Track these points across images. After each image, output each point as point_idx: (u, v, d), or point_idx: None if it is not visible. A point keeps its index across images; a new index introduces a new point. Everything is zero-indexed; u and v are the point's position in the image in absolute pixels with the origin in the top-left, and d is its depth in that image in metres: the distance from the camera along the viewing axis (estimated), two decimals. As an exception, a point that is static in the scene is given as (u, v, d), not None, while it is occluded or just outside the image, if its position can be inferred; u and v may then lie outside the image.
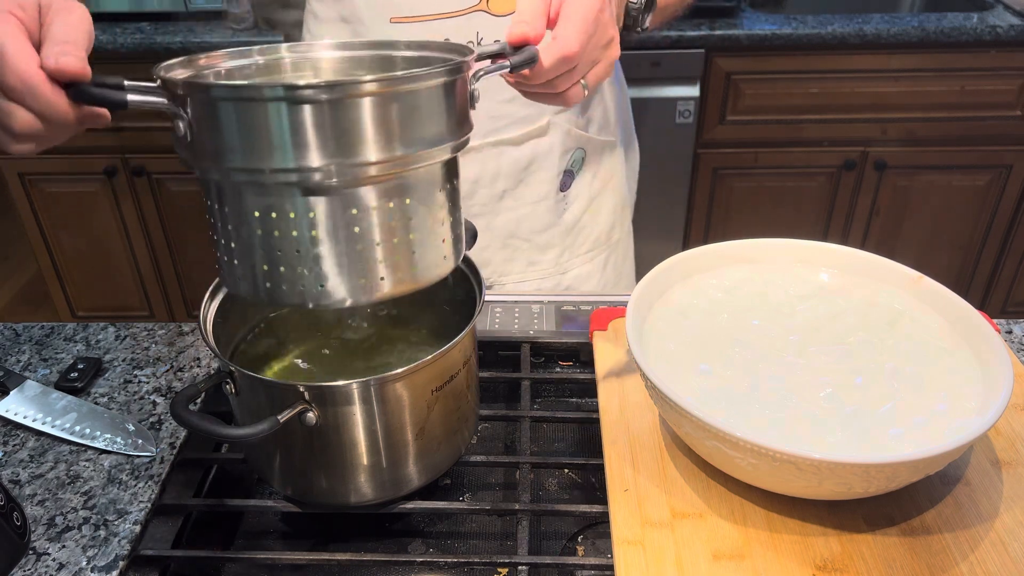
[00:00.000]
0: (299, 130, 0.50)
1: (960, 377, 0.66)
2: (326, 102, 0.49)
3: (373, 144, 0.51)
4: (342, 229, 0.53)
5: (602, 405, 0.74)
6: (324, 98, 0.49)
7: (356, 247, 0.54)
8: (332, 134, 0.50)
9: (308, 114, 0.49)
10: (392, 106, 0.51)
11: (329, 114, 0.50)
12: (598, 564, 0.64)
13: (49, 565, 0.65)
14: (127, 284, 2.36)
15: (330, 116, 0.50)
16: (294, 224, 0.53)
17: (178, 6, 2.07)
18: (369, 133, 0.51)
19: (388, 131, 0.52)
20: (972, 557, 0.59)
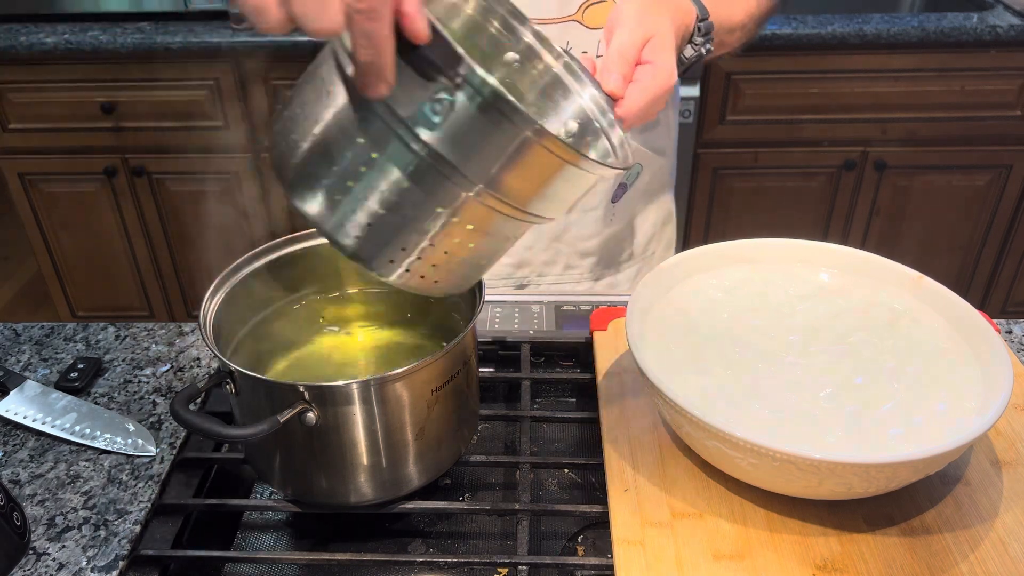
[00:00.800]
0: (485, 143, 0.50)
1: (960, 377, 0.66)
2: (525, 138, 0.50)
3: (525, 192, 0.53)
4: (419, 213, 0.53)
5: (602, 405, 0.74)
6: (527, 135, 0.50)
7: (410, 232, 0.54)
8: (518, 173, 0.51)
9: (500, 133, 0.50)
10: (557, 175, 0.53)
11: (534, 159, 0.51)
12: (598, 564, 0.64)
13: (49, 565, 0.65)
14: (127, 284, 2.36)
15: (534, 161, 0.51)
16: (387, 177, 0.52)
17: (178, 6, 2.07)
18: (530, 180, 0.52)
19: (540, 187, 0.53)
20: (972, 557, 0.59)
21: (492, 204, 0.53)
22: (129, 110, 2.08)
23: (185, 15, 2.09)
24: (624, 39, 0.65)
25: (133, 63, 2.01)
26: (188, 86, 2.05)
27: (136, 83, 2.04)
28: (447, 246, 0.55)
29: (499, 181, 0.51)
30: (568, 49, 0.74)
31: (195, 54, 1.99)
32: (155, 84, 2.05)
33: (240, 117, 2.09)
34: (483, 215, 0.54)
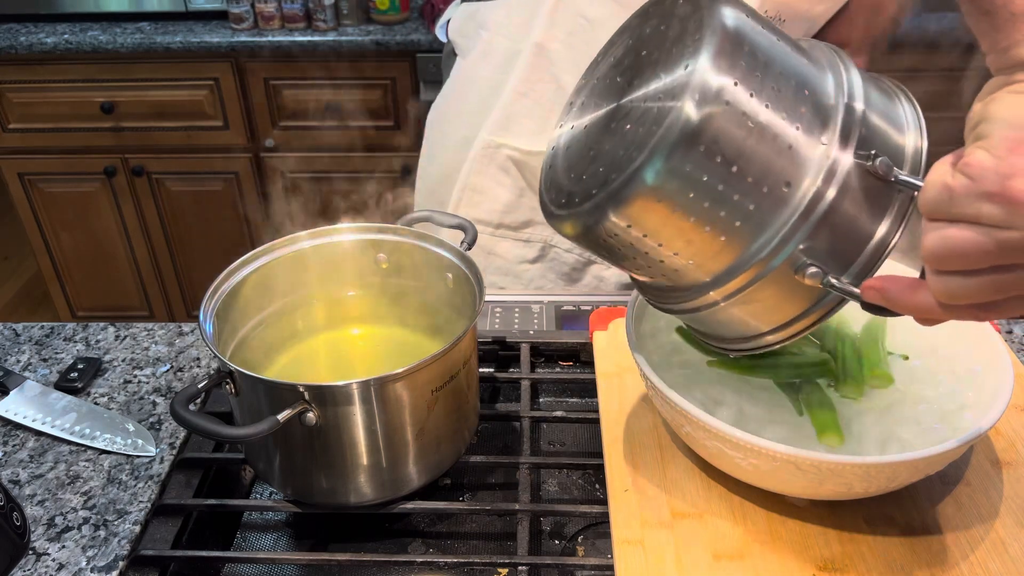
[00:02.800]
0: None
1: (960, 377, 0.66)
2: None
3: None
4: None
5: (602, 405, 0.74)
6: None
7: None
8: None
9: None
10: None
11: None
12: (598, 564, 0.64)
13: (49, 565, 0.65)
14: (127, 284, 2.36)
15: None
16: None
17: (178, 6, 2.08)
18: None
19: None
20: (972, 557, 0.59)
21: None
22: (129, 110, 2.08)
23: (185, 15, 2.09)
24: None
25: (133, 63, 2.01)
26: (188, 86, 2.05)
27: (136, 83, 2.04)
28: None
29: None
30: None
31: (195, 54, 1.99)
32: (155, 84, 2.05)
33: (240, 117, 2.09)
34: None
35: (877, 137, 0.49)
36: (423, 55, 2.00)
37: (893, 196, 0.49)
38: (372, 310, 0.82)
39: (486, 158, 1.03)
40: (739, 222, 0.49)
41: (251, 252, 0.74)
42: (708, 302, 0.53)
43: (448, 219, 0.80)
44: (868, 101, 0.50)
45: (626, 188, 0.48)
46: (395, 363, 0.61)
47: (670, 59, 0.49)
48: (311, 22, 2.04)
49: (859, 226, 0.49)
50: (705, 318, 0.55)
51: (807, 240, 0.48)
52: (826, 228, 0.48)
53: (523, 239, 1.07)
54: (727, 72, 0.46)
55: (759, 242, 0.49)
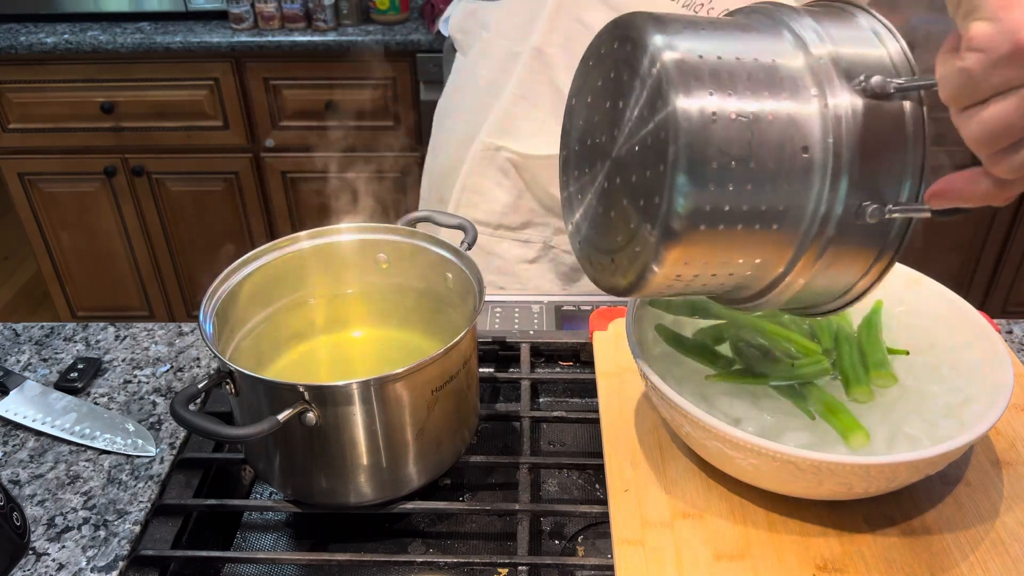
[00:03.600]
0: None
1: (960, 377, 0.66)
2: None
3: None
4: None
5: (602, 405, 0.74)
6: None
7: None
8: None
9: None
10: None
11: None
12: (598, 564, 0.64)
13: (49, 565, 0.65)
14: (127, 284, 2.36)
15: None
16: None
17: (178, 6, 2.08)
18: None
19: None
20: (972, 557, 0.59)
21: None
22: (129, 110, 2.08)
23: (185, 15, 2.10)
24: None
25: (133, 63, 2.01)
26: (188, 86, 2.05)
27: (136, 83, 2.04)
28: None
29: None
30: None
31: (195, 54, 1.99)
32: (155, 84, 2.05)
33: (240, 117, 2.09)
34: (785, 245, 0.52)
35: (858, 62, 0.50)
36: (423, 55, 2.00)
37: (903, 108, 0.50)
38: (372, 310, 0.82)
39: (485, 160, 1.03)
40: (782, 206, 0.49)
41: (251, 252, 0.74)
42: (795, 287, 0.54)
43: (448, 219, 0.80)
44: (830, 37, 0.50)
45: (667, 232, 0.48)
46: (395, 363, 0.61)
47: (641, 100, 0.49)
48: (311, 22, 2.04)
49: (888, 149, 0.50)
50: (796, 298, 0.55)
51: (851, 187, 0.49)
52: (860, 167, 0.49)
53: (522, 239, 1.07)
54: (698, 91, 0.47)
55: (809, 212, 0.49)
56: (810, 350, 0.68)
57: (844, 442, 0.61)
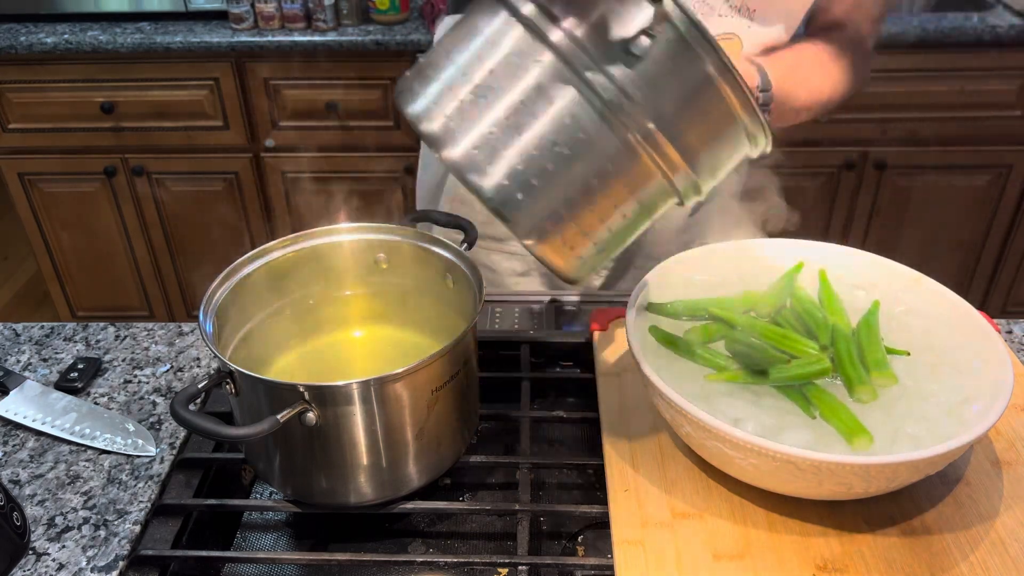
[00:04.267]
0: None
1: (960, 377, 0.66)
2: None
3: (692, 141, 0.53)
4: (587, 167, 0.53)
5: (602, 405, 0.74)
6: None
7: (567, 189, 0.53)
8: (693, 124, 0.52)
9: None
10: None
11: (714, 117, 0.52)
12: (598, 564, 0.64)
13: (49, 565, 0.65)
14: (127, 284, 2.36)
15: (712, 120, 0.52)
16: (559, 126, 0.52)
17: (178, 6, 2.07)
18: (700, 127, 0.53)
19: (705, 139, 0.54)
20: (972, 557, 0.59)
21: (660, 153, 0.52)
22: (129, 110, 2.08)
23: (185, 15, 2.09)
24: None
25: (133, 63, 2.01)
26: (188, 86, 2.05)
27: (136, 83, 2.04)
28: (603, 209, 0.53)
29: (673, 123, 0.50)
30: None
31: (195, 54, 1.99)
32: (155, 84, 2.05)
33: (240, 117, 2.09)
34: (643, 172, 0.53)
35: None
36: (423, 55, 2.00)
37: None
38: (372, 310, 0.82)
39: None
40: (608, 149, 0.51)
41: (251, 252, 0.74)
42: (690, 180, 0.55)
43: (447, 218, 0.80)
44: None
45: (496, 213, 0.52)
46: (395, 363, 0.61)
47: None
48: (311, 22, 2.04)
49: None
50: (719, 161, 0.56)
51: (633, 90, 0.50)
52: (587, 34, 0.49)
53: (508, 251, 1.07)
54: (438, 122, 0.50)
55: (632, 132, 0.51)
56: (808, 349, 0.68)
57: (848, 444, 0.61)
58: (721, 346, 0.71)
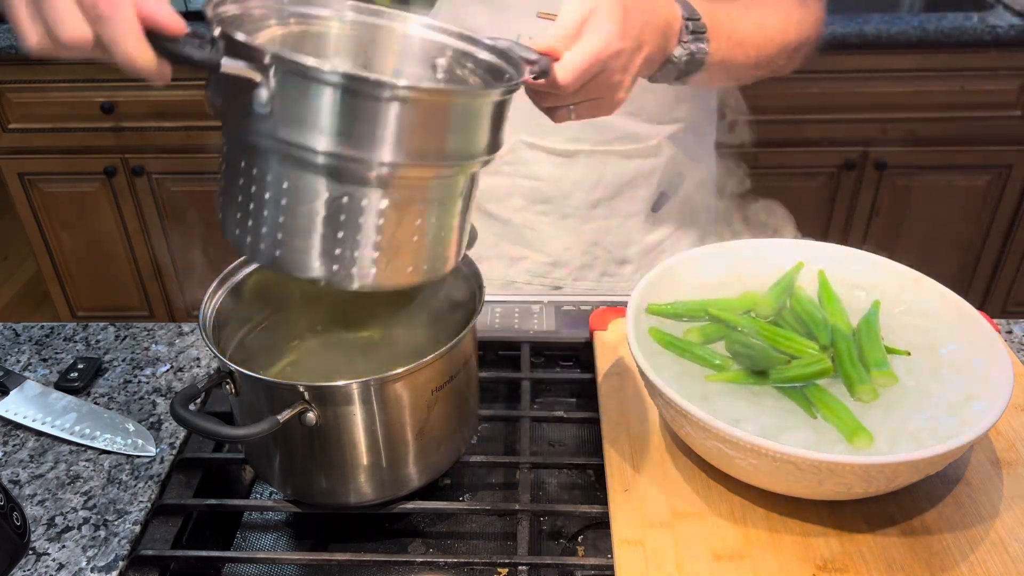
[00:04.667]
0: (374, 124, 0.50)
1: (960, 377, 0.66)
2: (418, 103, 0.51)
3: (429, 148, 0.53)
4: (359, 217, 0.54)
5: (602, 405, 0.74)
6: (418, 98, 0.51)
7: (358, 236, 0.54)
8: (410, 134, 0.51)
9: (394, 112, 0.50)
10: (447, 116, 0.53)
11: (415, 115, 0.51)
12: (598, 564, 0.64)
13: (49, 565, 0.65)
14: (127, 284, 2.36)
15: (416, 117, 0.51)
16: (313, 200, 0.53)
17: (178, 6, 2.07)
18: (432, 136, 0.53)
19: (437, 139, 0.53)
20: (972, 557, 0.59)
21: (391, 172, 0.52)
22: (129, 110, 2.08)
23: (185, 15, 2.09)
24: (565, 12, 0.67)
25: (133, 63, 2.01)
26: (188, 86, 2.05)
27: (136, 83, 2.04)
28: (389, 230, 0.54)
29: (352, 140, 0.51)
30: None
31: (195, 54, 1.99)
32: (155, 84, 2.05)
33: (240, 117, 2.09)
34: (401, 183, 0.53)
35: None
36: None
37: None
38: (372, 310, 0.81)
39: None
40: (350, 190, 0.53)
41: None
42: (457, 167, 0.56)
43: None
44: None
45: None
46: (395, 363, 0.61)
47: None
48: (311, 22, 2.04)
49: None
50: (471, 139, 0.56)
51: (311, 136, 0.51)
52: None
53: None
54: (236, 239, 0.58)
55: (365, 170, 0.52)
56: (808, 349, 0.68)
57: (848, 444, 0.61)
58: (721, 347, 0.71)
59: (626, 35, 0.69)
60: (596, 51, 0.66)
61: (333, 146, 0.51)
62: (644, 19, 0.72)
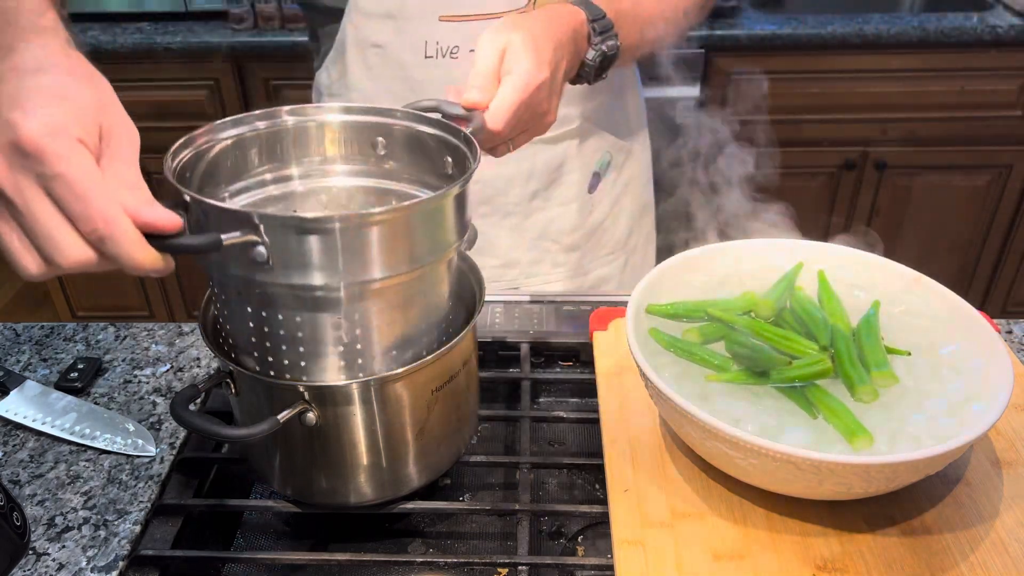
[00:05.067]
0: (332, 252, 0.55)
1: (960, 377, 0.66)
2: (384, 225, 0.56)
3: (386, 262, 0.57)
4: (362, 328, 0.60)
5: (602, 405, 0.74)
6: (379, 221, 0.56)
7: (369, 340, 0.60)
8: (393, 249, 0.57)
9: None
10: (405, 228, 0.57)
11: (397, 230, 0.57)
12: (598, 564, 0.64)
13: (49, 565, 0.65)
14: (127, 284, 2.36)
15: (398, 231, 0.57)
16: (320, 324, 0.59)
17: (178, 6, 2.07)
18: (390, 252, 0.57)
19: (404, 248, 0.58)
20: (972, 557, 0.59)
21: (377, 286, 0.58)
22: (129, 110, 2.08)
23: (185, 15, 2.09)
24: (480, 59, 0.71)
25: (133, 63, 2.01)
26: (188, 86, 2.05)
27: (136, 83, 2.04)
28: (382, 326, 0.60)
29: (351, 270, 0.56)
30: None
31: (195, 54, 1.99)
32: (155, 84, 2.05)
33: (240, 117, 2.09)
34: (388, 292, 0.59)
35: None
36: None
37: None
38: None
39: None
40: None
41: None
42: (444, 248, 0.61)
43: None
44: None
45: None
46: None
47: None
48: (311, 22, 2.04)
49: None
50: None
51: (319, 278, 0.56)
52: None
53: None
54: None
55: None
56: (808, 350, 0.68)
57: (848, 444, 0.61)
58: (721, 347, 0.71)
59: (542, 64, 0.72)
60: (519, 92, 0.69)
61: (329, 278, 0.56)
62: (554, 40, 0.75)
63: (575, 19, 0.78)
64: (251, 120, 0.66)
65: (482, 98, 0.69)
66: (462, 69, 0.89)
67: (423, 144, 0.69)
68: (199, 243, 0.52)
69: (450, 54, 0.92)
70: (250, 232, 0.53)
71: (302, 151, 0.70)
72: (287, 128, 0.68)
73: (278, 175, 0.70)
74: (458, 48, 0.92)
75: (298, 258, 0.54)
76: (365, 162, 0.71)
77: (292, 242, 0.54)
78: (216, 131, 0.64)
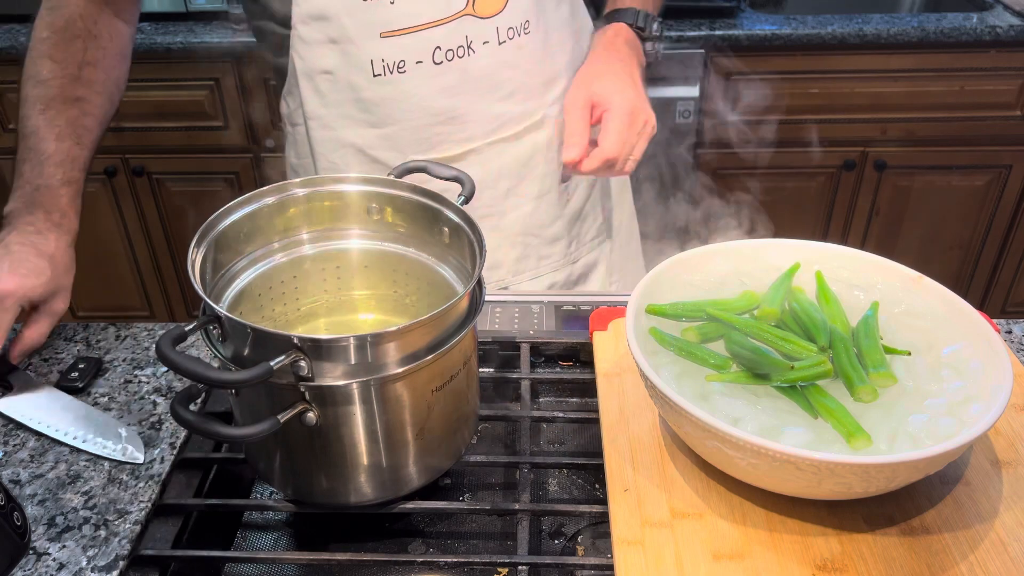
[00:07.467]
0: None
1: (960, 377, 0.66)
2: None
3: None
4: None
5: (602, 405, 0.74)
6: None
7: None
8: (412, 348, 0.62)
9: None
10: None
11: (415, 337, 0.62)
12: (598, 564, 0.64)
13: (49, 565, 0.65)
14: (127, 284, 2.36)
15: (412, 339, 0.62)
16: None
17: (178, 6, 2.07)
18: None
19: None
20: (972, 557, 0.59)
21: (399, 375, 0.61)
22: (129, 110, 2.08)
23: (185, 15, 2.09)
24: (570, 120, 0.89)
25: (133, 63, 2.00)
26: (188, 86, 2.05)
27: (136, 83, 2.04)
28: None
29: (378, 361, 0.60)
30: (470, 45, 0.90)
31: (195, 54, 1.99)
32: (155, 84, 2.05)
33: (240, 117, 2.09)
34: (415, 384, 0.63)
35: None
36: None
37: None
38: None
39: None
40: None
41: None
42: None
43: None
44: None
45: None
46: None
47: None
48: (311, 22, 2.04)
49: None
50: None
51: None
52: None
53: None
54: None
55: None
56: (808, 351, 0.68)
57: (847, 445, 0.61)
58: (720, 346, 0.71)
59: (624, 89, 0.91)
60: (625, 123, 0.88)
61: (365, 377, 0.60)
62: (620, 62, 0.93)
63: (625, 35, 0.93)
64: (261, 197, 0.73)
65: (579, 153, 0.86)
66: (414, 82, 0.91)
67: (424, 211, 0.74)
68: (252, 376, 0.56)
69: (398, 69, 0.93)
70: (294, 352, 0.58)
71: (309, 220, 0.76)
72: (297, 198, 0.75)
73: (287, 241, 0.76)
74: (404, 63, 0.93)
75: (335, 369, 0.60)
76: (367, 227, 0.77)
77: (331, 356, 0.59)
78: (231, 212, 0.71)
